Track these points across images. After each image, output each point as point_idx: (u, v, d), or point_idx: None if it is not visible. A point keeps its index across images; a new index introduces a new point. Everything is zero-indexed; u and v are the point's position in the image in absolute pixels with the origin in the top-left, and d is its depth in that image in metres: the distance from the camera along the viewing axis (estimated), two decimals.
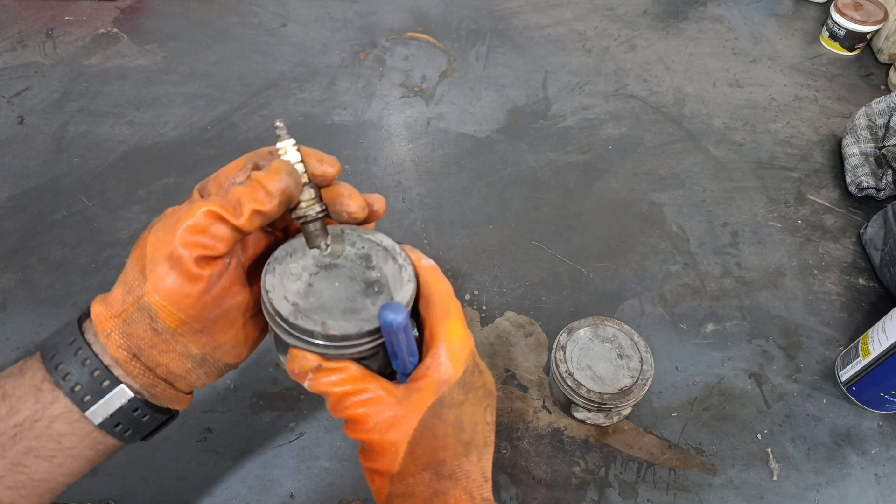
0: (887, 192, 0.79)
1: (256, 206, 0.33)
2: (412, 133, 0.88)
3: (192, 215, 0.33)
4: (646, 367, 0.57)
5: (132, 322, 0.34)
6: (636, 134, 0.89)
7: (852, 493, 0.58)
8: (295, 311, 0.34)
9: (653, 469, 0.59)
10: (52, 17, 1.04)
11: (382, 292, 0.35)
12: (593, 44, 1.03)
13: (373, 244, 0.37)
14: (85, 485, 0.57)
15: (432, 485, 0.35)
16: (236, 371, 0.64)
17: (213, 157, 0.84)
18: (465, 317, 0.37)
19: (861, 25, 0.97)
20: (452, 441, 0.35)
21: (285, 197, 0.34)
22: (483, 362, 0.39)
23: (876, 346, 0.59)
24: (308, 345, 0.34)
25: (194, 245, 0.33)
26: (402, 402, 0.35)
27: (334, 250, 0.37)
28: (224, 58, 0.98)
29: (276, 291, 0.34)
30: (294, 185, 0.34)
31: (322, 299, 0.34)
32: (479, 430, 0.37)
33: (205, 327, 0.35)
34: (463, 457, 0.36)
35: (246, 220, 0.33)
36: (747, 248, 0.76)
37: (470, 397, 0.36)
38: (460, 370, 0.35)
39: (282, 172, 0.34)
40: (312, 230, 0.36)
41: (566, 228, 0.77)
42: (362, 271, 0.36)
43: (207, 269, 0.34)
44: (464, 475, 0.36)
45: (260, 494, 0.57)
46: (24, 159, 0.83)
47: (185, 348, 0.35)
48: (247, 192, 0.33)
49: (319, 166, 0.37)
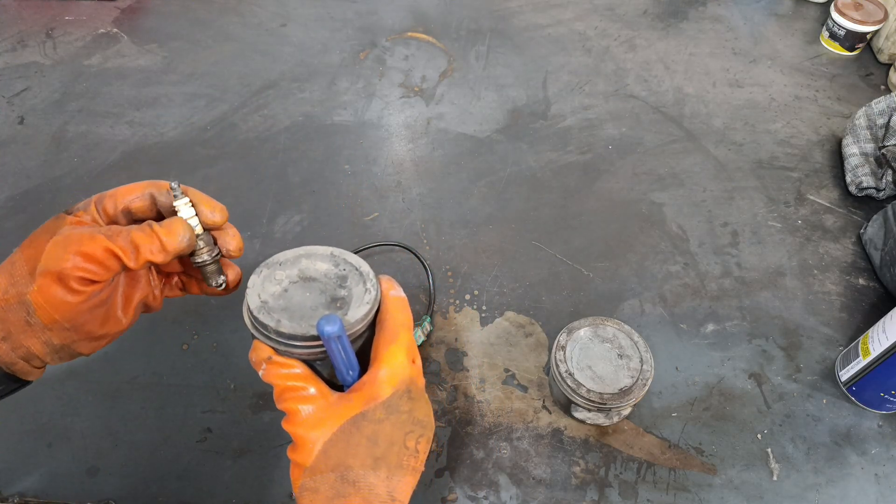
0: (887, 192, 0.79)
1: (151, 258, 0.39)
2: (412, 133, 0.88)
3: (91, 245, 0.38)
4: (646, 367, 0.57)
5: (10, 310, 0.39)
6: (636, 134, 0.89)
7: (852, 493, 0.58)
8: (261, 307, 0.39)
9: (653, 469, 0.59)
10: (52, 17, 1.04)
11: (342, 308, 0.39)
12: (593, 44, 1.03)
13: (353, 268, 0.42)
14: (85, 485, 0.57)
15: (336, 486, 0.38)
16: (236, 371, 0.64)
17: (213, 157, 0.84)
18: (413, 350, 0.41)
19: (861, 25, 0.97)
20: (363, 451, 0.38)
21: (177, 254, 0.40)
22: (426, 396, 0.42)
23: (876, 346, 0.59)
24: (265, 338, 0.39)
25: (84, 270, 0.38)
26: (331, 407, 0.39)
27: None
28: (224, 58, 0.98)
29: (253, 289, 0.39)
30: (187, 244, 0.41)
31: (289, 303, 0.39)
32: (395, 451, 0.39)
33: (73, 326, 0.40)
34: (370, 469, 0.39)
35: (139, 265, 0.39)
36: (747, 248, 0.76)
37: (392, 418, 0.39)
38: (389, 392, 0.39)
39: (179, 234, 0.40)
40: (208, 272, 0.44)
41: (566, 228, 0.77)
42: (334, 288, 0.41)
43: (90, 287, 0.39)
44: (367, 486, 0.38)
45: (260, 494, 0.57)
46: (24, 159, 0.83)
47: (49, 338, 0.40)
48: (146, 243, 0.39)
49: (211, 216, 0.42)
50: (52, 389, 0.63)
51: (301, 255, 0.42)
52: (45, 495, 0.57)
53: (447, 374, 0.65)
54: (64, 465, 0.58)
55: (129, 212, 0.42)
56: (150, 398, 0.62)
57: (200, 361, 0.65)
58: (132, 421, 0.61)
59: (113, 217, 0.42)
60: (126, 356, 0.65)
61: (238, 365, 0.65)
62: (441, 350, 0.66)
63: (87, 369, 0.64)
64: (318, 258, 0.42)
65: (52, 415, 0.61)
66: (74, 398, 0.62)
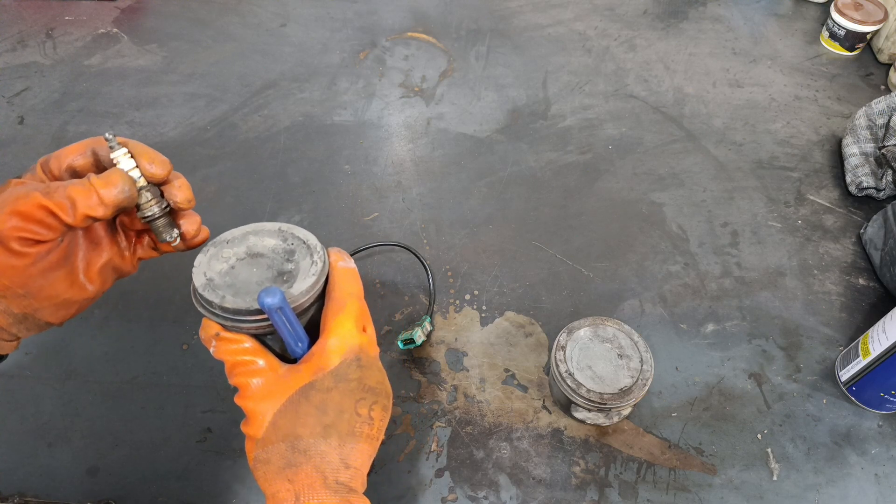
0: (887, 192, 0.79)
1: (89, 213, 0.37)
2: (412, 133, 0.88)
3: (25, 203, 0.36)
4: (646, 367, 0.57)
5: None
6: (636, 134, 0.89)
7: (852, 493, 0.58)
8: (207, 284, 0.39)
9: (653, 469, 0.59)
10: (52, 17, 1.04)
11: (288, 282, 0.39)
12: (593, 44, 1.03)
13: (300, 242, 0.41)
14: (85, 485, 0.57)
15: (286, 456, 0.38)
16: None
17: (213, 157, 0.84)
18: (363, 318, 0.41)
19: (861, 25, 0.97)
20: (312, 421, 0.38)
21: (117, 206, 0.38)
22: (379, 364, 0.42)
23: (876, 346, 0.59)
24: (212, 315, 0.39)
25: (23, 230, 0.36)
26: (280, 379, 0.39)
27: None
28: (224, 58, 0.98)
29: (199, 268, 0.39)
30: (127, 195, 0.38)
31: (235, 280, 0.39)
32: (345, 419, 0.39)
33: (28, 293, 0.39)
34: (321, 437, 0.39)
35: (78, 221, 0.37)
36: (747, 248, 0.76)
37: (340, 386, 0.39)
38: (337, 361, 0.39)
39: (118, 186, 0.38)
40: (158, 226, 0.42)
41: (566, 228, 0.77)
42: (281, 263, 0.40)
43: (34, 248, 0.37)
44: (318, 454, 0.38)
45: (260, 494, 0.57)
46: (24, 159, 0.83)
47: (7, 307, 0.39)
48: (82, 195, 0.37)
49: (149, 168, 0.40)
50: (52, 389, 0.63)
51: (248, 231, 0.42)
52: (45, 495, 0.57)
53: (447, 374, 0.65)
54: (64, 465, 0.58)
55: (74, 170, 0.40)
56: (150, 398, 0.62)
57: (200, 361, 0.65)
58: (132, 421, 0.61)
59: (58, 178, 0.40)
60: (126, 356, 0.65)
61: None
62: (441, 350, 0.66)
63: (88, 369, 0.64)
64: (265, 234, 0.42)
65: (52, 415, 0.61)
66: (74, 398, 0.62)
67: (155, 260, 0.48)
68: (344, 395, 0.39)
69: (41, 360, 0.65)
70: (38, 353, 0.65)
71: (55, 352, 0.65)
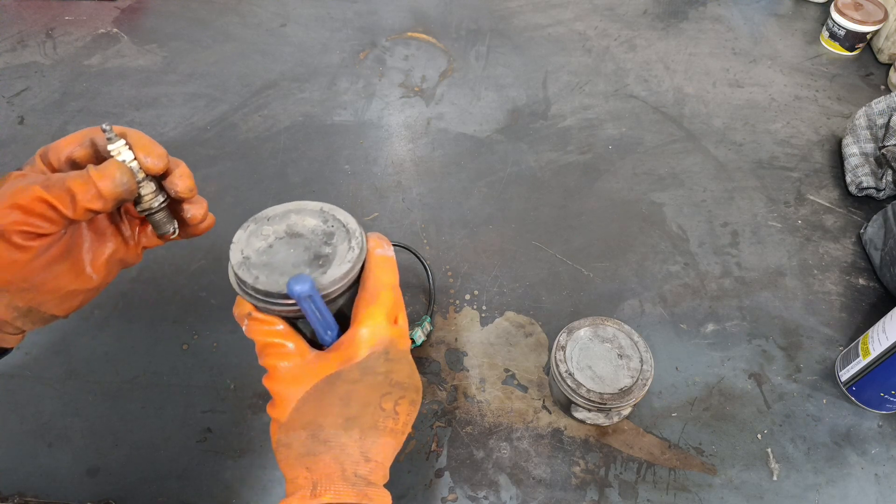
0: (887, 192, 0.79)
1: (89, 206, 0.36)
2: (412, 133, 0.88)
3: (25, 196, 0.35)
4: (646, 367, 0.57)
5: None
6: (636, 134, 0.89)
7: (852, 493, 0.58)
8: (243, 262, 0.37)
9: (653, 469, 0.59)
10: (52, 17, 1.04)
11: (323, 266, 0.38)
12: (593, 44, 1.03)
13: (340, 225, 0.40)
14: (85, 485, 0.57)
15: (307, 444, 0.38)
16: (236, 371, 0.64)
17: (213, 157, 0.84)
18: (396, 309, 0.40)
19: (861, 25, 0.97)
20: (335, 411, 0.38)
21: (116, 199, 0.37)
22: (410, 358, 0.41)
23: (876, 346, 0.59)
24: (245, 294, 0.38)
25: (24, 223, 0.36)
26: (307, 364, 0.38)
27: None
28: (224, 58, 0.98)
29: (237, 245, 0.38)
30: (126, 188, 0.38)
31: (272, 259, 0.38)
32: (369, 412, 0.39)
33: (32, 286, 0.38)
34: (342, 429, 0.38)
35: (78, 214, 0.36)
36: (747, 248, 0.76)
37: (367, 379, 0.38)
38: (365, 353, 0.38)
39: (115, 178, 0.37)
40: (157, 220, 0.41)
41: (566, 228, 0.77)
42: (319, 246, 0.39)
43: (36, 241, 0.37)
44: (338, 446, 0.38)
45: (260, 494, 0.57)
46: (24, 159, 0.82)
47: (11, 301, 0.38)
48: (81, 188, 0.36)
49: (145, 161, 0.39)
50: (52, 389, 0.63)
51: (291, 210, 0.41)
52: (45, 495, 0.57)
53: (447, 374, 0.65)
54: (64, 465, 0.58)
55: (73, 161, 0.40)
56: (150, 398, 0.62)
57: (200, 361, 0.65)
58: (132, 421, 0.61)
59: (58, 170, 0.40)
60: (126, 356, 0.65)
61: (238, 365, 0.65)
62: (441, 350, 0.66)
63: (87, 369, 0.64)
64: (307, 214, 0.40)
65: (52, 415, 0.61)
66: (74, 398, 0.62)
67: (155, 260, 0.48)
68: (369, 388, 0.39)
69: (41, 360, 0.65)
70: (38, 353, 0.65)
71: (55, 352, 0.65)
